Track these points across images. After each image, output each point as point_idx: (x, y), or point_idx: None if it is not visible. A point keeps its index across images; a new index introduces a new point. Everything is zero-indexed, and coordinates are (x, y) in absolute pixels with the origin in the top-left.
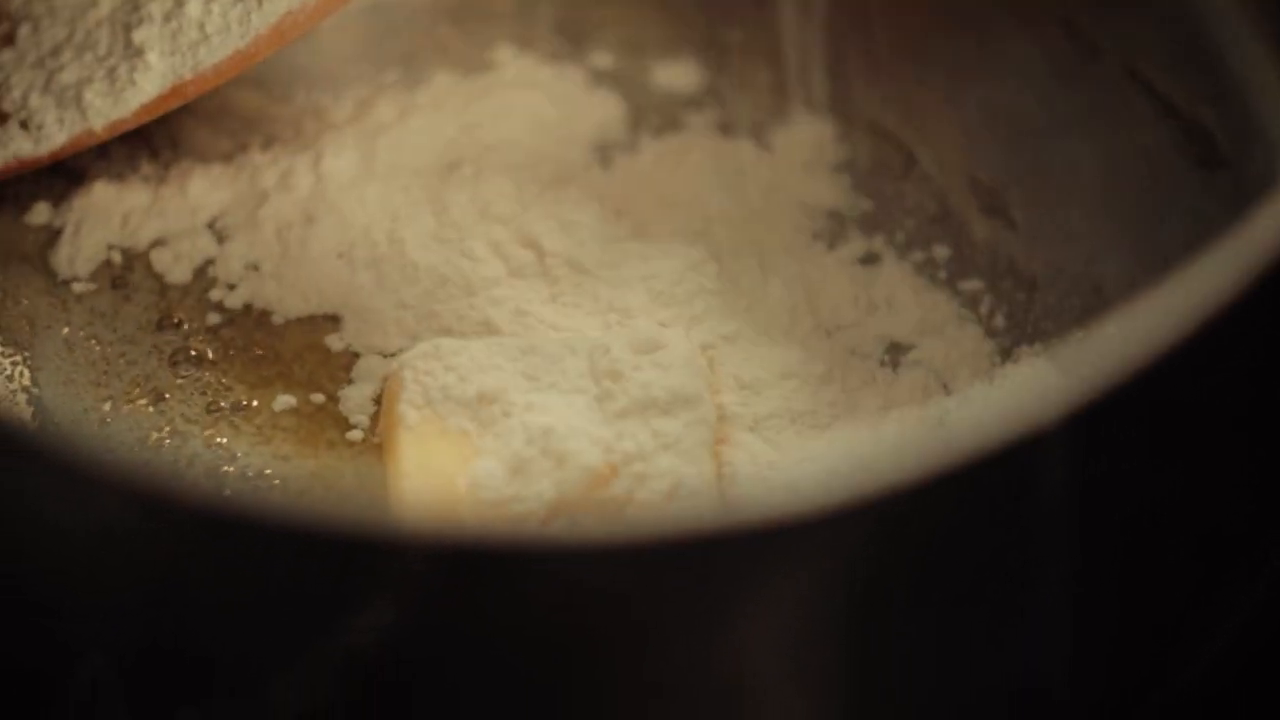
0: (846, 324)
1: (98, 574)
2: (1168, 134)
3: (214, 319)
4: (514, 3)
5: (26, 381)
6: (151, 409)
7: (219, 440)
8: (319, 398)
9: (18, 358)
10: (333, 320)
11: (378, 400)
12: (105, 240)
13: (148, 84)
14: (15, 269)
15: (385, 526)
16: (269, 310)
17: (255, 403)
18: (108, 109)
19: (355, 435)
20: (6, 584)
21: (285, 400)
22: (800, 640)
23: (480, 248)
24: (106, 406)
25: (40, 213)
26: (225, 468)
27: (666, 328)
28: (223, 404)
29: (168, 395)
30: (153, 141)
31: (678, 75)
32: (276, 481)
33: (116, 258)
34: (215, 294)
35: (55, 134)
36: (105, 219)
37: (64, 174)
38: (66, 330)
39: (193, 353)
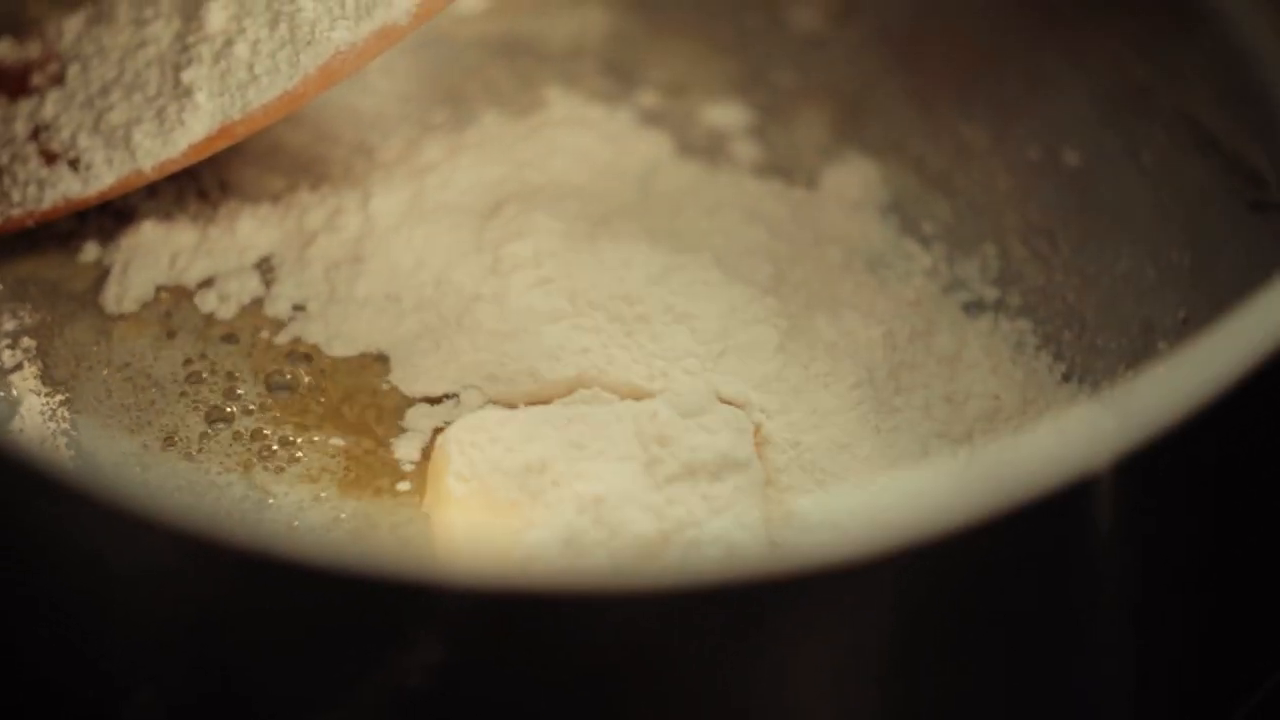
0: (894, 364)
1: (143, 613)
2: (1218, 175)
3: (261, 359)
4: (563, 43)
5: (67, 423)
6: (195, 450)
7: (263, 481)
8: (367, 443)
9: (61, 396)
10: (380, 361)
11: (426, 453)
12: (153, 280)
13: (196, 124)
14: (64, 307)
15: (435, 569)
16: (316, 351)
17: (301, 444)
18: (157, 149)
19: (404, 486)
20: (56, 620)
21: (334, 443)
22: (851, 682)
23: (528, 289)
24: (150, 445)
25: (89, 252)
26: (269, 509)
27: (709, 377)
28: (268, 445)
29: (211, 437)
30: (201, 181)
31: (725, 115)
32: (319, 524)
33: (164, 297)
34: (263, 334)
35: (104, 174)
36: (153, 258)
37: (113, 213)
38: (106, 371)
39: (239, 393)
